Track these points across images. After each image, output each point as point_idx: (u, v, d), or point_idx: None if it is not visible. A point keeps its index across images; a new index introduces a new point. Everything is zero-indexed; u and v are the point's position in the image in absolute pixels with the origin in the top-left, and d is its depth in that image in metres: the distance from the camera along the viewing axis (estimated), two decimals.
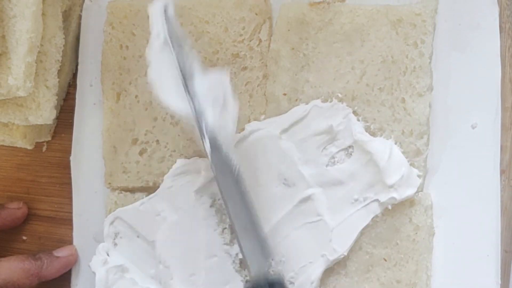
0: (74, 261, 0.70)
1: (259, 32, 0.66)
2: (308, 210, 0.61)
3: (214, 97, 0.57)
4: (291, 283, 0.61)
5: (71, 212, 0.71)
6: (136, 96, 0.68)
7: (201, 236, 0.64)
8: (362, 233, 0.60)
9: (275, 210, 0.62)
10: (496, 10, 0.59)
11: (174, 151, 0.67)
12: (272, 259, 0.62)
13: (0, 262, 0.65)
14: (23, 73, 0.61)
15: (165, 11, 0.58)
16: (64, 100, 0.74)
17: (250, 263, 0.57)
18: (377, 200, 0.59)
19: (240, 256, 0.63)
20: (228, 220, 0.64)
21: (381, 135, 0.61)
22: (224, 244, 0.64)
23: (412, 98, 0.60)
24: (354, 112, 0.61)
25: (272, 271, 0.62)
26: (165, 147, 0.67)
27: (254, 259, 0.57)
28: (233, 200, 0.58)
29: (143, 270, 0.65)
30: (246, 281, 0.63)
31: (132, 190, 0.69)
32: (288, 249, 0.62)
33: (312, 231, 0.61)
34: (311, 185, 0.61)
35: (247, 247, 0.57)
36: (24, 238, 0.74)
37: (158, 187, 0.66)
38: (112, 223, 0.67)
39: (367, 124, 0.61)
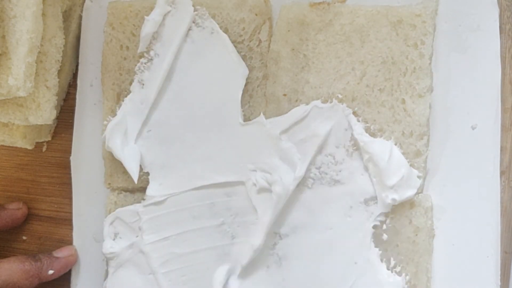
0: (74, 261, 0.70)
1: (259, 33, 0.66)
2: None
3: None
4: None
5: (71, 212, 0.71)
6: None
7: (201, 236, 0.64)
8: None
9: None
10: (496, 11, 0.59)
11: None
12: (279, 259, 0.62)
13: (0, 263, 0.65)
14: (23, 73, 0.61)
15: None
16: (64, 100, 0.74)
17: None
18: (377, 201, 0.59)
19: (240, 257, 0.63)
20: (227, 220, 0.64)
21: (381, 136, 0.61)
22: (224, 244, 0.64)
23: (412, 99, 0.60)
24: (354, 113, 0.62)
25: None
26: None
27: None
28: None
29: (141, 271, 0.65)
30: None
31: (132, 191, 0.69)
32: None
33: None
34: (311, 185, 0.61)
35: None
36: (24, 238, 0.74)
37: None
38: (112, 223, 0.67)
39: (367, 125, 0.61)
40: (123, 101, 0.67)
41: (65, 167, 0.72)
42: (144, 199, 0.66)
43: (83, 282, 0.70)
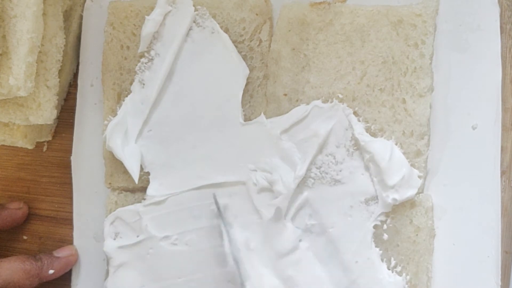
0: (74, 261, 0.70)
1: (259, 33, 0.66)
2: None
3: None
4: None
5: (71, 212, 0.71)
6: None
7: (201, 236, 0.64)
8: None
9: None
10: (497, 11, 0.59)
11: None
12: None
13: (1, 263, 0.65)
14: (23, 73, 0.61)
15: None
16: (65, 100, 0.74)
17: None
18: (378, 201, 0.59)
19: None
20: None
21: (381, 136, 0.61)
22: (225, 245, 0.64)
23: (412, 98, 0.60)
24: (355, 113, 0.62)
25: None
26: None
27: None
28: None
29: (141, 273, 0.65)
30: None
31: (133, 190, 0.69)
32: None
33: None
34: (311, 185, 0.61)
35: None
36: (25, 237, 0.75)
37: None
38: (112, 223, 0.67)
39: (368, 124, 0.61)
40: (123, 100, 0.67)
41: (66, 167, 0.72)
42: (144, 199, 0.66)
43: (84, 282, 0.70)
